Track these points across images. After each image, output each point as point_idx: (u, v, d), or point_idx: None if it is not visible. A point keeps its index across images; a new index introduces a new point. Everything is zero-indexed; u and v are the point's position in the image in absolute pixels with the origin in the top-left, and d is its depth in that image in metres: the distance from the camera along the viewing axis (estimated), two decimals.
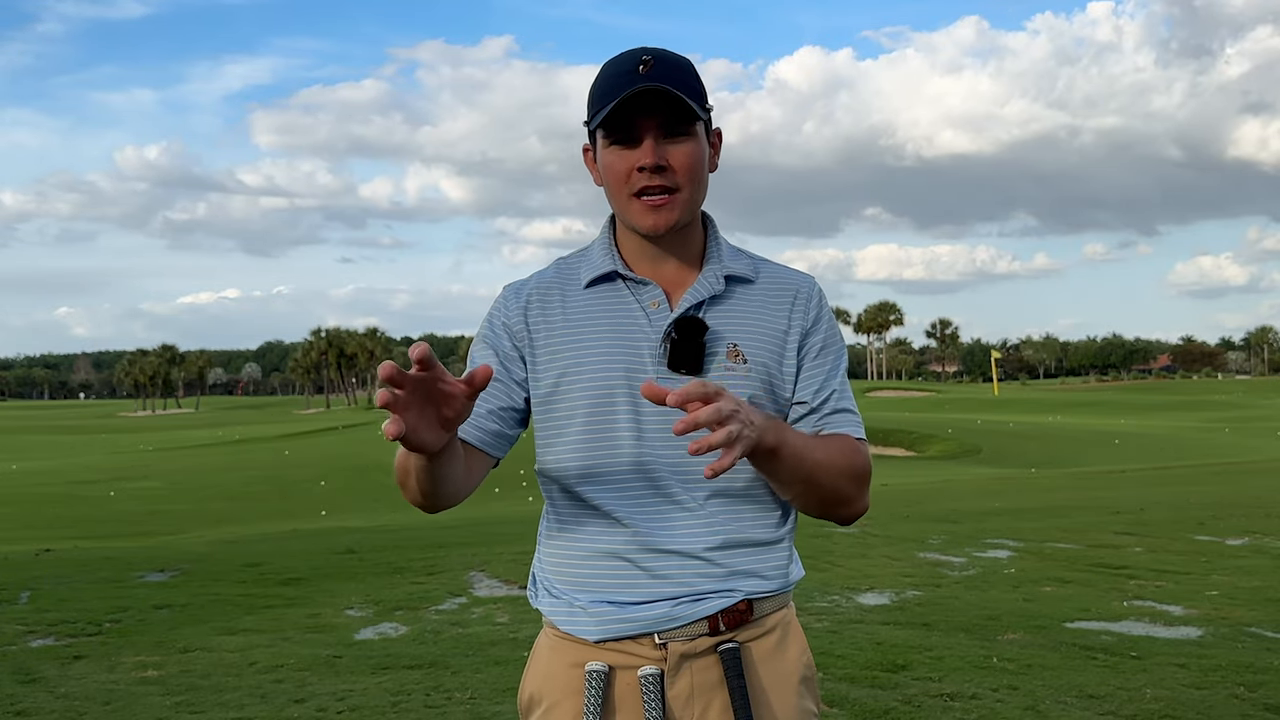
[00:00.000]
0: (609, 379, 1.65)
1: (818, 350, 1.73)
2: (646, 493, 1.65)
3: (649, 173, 1.61)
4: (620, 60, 1.64)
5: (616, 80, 1.61)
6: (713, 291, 1.68)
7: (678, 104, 1.60)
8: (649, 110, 1.60)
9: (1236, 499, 12.86)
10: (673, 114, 1.61)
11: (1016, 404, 67.65)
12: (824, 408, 1.72)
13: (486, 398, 1.69)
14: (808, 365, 1.72)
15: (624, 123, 1.61)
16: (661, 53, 1.64)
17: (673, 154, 1.62)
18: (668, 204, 1.63)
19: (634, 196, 1.63)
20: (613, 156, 1.64)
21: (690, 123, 1.63)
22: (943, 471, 25.87)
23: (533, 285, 1.74)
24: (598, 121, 1.63)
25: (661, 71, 1.61)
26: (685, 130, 1.63)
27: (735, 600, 1.65)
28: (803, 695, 1.71)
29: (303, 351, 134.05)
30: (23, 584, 8.24)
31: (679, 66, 1.64)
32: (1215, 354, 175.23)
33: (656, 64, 1.61)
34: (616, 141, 1.63)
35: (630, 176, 1.63)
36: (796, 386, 1.71)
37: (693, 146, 1.63)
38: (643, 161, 1.61)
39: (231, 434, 59.71)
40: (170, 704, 4.80)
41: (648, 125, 1.61)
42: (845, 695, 4.65)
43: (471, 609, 6.88)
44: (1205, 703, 4.51)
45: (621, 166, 1.63)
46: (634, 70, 1.61)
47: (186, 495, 23.65)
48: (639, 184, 1.62)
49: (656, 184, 1.62)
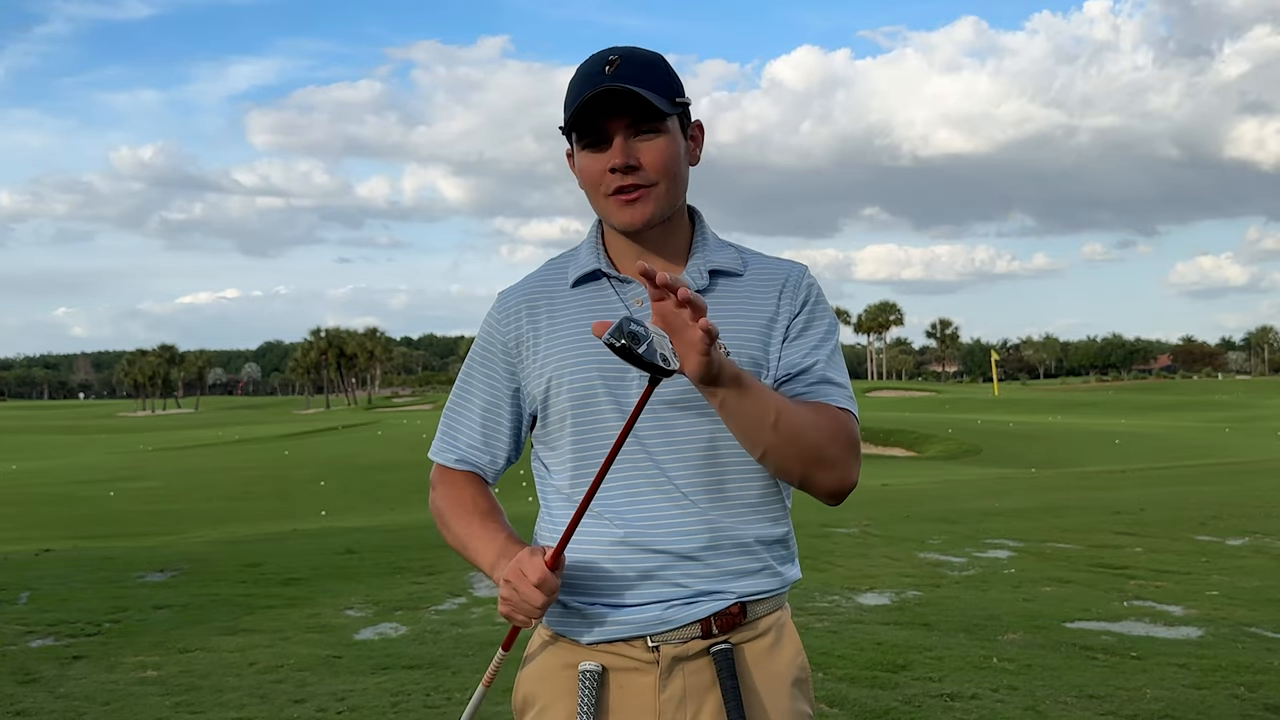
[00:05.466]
0: (592, 379, 1.66)
1: (801, 329, 1.70)
2: (638, 492, 1.64)
3: (620, 173, 1.62)
4: (588, 63, 1.65)
5: (583, 83, 1.62)
6: (696, 287, 1.68)
7: (642, 102, 1.59)
8: (615, 110, 1.60)
9: (1236, 499, 12.85)
10: (639, 112, 1.61)
11: (1016, 404, 67.60)
12: (807, 375, 1.67)
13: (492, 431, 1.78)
14: (790, 340, 1.70)
15: (592, 125, 1.62)
16: (630, 51, 1.64)
17: (643, 151, 1.62)
18: (641, 198, 1.63)
19: (609, 196, 1.64)
20: (586, 159, 1.65)
21: (658, 119, 1.63)
22: (943, 471, 25.85)
23: (521, 291, 1.76)
24: (567, 125, 1.64)
25: (628, 70, 1.60)
26: (654, 127, 1.63)
27: (728, 603, 1.65)
28: (796, 697, 1.71)
29: (302, 351, 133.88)
30: (23, 584, 8.24)
31: (647, 64, 1.63)
32: (1215, 354, 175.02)
33: (623, 63, 1.61)
34: (588, 144, 1.64)
35: (604, 178, 1.63)
36: (780, 362, 1.68)
37: (664, 142, 1.63)
38: (612, 162, 1.62)
39: (231, 434, 59.67)
40: (170, 704, 4.80)
41: (616, 125, 1.61)
42: (845, 695, 4.65)
43: (471, 609, 6.88)
44: (1205, 703, 4.51)
45: (594, 168, 1.64)
46: (600, 71, 1.61)
47: (186, 495, 23.62)
48: (612, 184, 1.63)
49: (629, 183, 1.62)
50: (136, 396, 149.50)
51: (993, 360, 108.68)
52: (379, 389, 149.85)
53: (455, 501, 1.76)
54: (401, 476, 24.94)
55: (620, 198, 1.63)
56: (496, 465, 1.79)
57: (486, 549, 1.67)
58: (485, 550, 1.68)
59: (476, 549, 1.69)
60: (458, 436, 1.79)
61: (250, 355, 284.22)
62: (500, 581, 1.59)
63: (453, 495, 1.77)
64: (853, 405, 1.68)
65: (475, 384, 1.78)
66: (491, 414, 1.76)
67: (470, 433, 1.78)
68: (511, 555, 1.61)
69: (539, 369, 1.70)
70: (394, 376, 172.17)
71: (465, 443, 1.78)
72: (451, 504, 1.76)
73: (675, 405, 1.64)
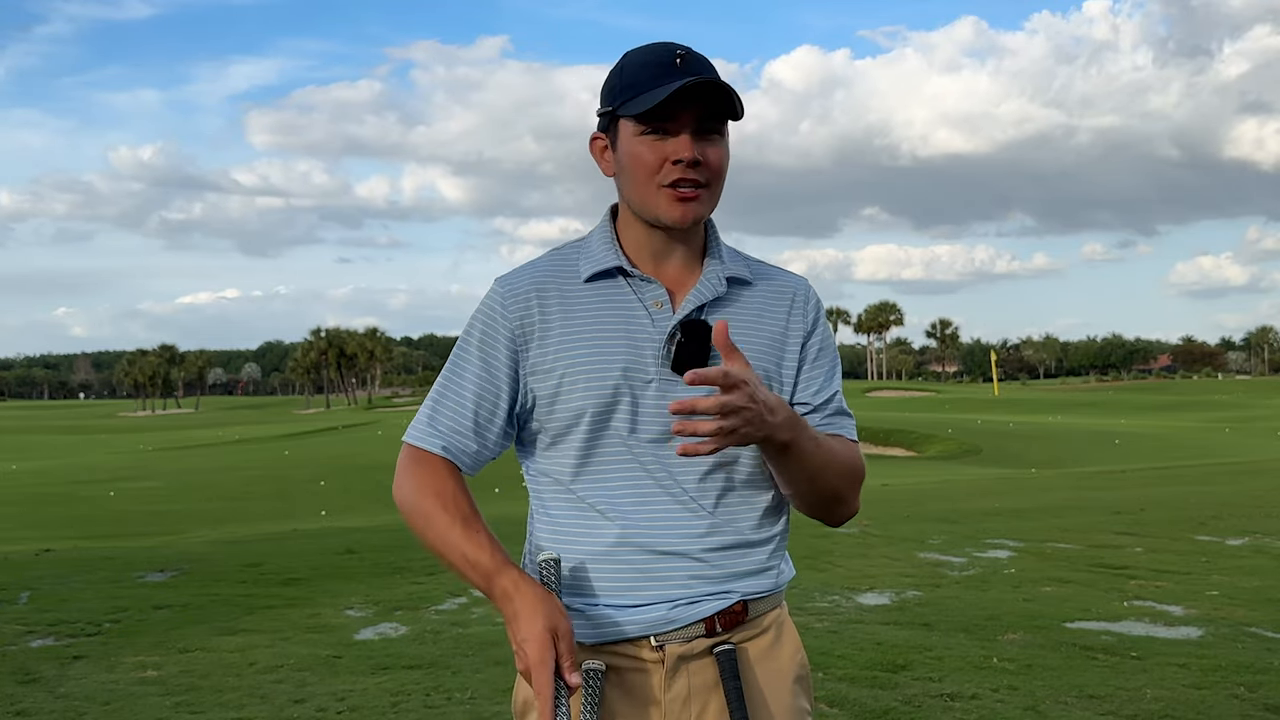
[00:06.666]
0: (611, 379, 1.63)
1: (816, 353, 1.75)
2: (644, 493, 1.64)
3: (685, 165, 1.60)
4: (652, 50, 1.63)
5: (655, 71, 1.60)
6: (716, 293, 1.68)
7: (722, 101, 1.59)
8: (689, 104, 1.59)
9: (1236, 499, 12.85)
10: (713, 111, 1.60)
11: (1016, 404, 67.62)
12: (826, 407, 1.74)
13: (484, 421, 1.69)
14: (807, 367, 1.74)
15: (664, 113, 1.59)
16: (689, 49, 1.64)
17: (708, 151, 1.61)
18: (697, 198, 1.62)
19: (664, 187, 1.61)
20: (643, 146, 1.61)
21: (725, 121, 1.63)
22: (943, 471, 25.85)
23: (528, 279, 1.70)
24: (637, 110, 1.59)
25: (698, 67, 1.60)
26: (719, 129, 1.63)
27: (731, 602, 1.65)
28: (798, 695, 1.72)
29: (302, 351, 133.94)
30: (23, 584, 8.24)
31: (710, 65, 1.64)
32: (1215, 354, 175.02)
33: (691, 59, 1.61)
34: (651, 131, 1.61)
35: (663, 167, 1.61)
36: (796, 388, 1.73)
37: (724, 146, 1.64)
38: (681, 154, 1.59)
39: (231, 434, 59.67)
40: (170, 704, 4.80)
41: (686, 119, 1.60)
42: (845, 695, 4.65)
43: (471, 609, 6.88)
44: (1205, 703, 4.51)
45: (653, 157, 1.61)
46: (671, 63, 1.60)
47: (186, 495, 23.63)
48: (673, 176, 1.61)
49: (691, 177, 1.61)
50: (137, 396, 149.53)
51: (993, 360, 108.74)
52: (379, 389, 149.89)
53: (435, 496, 1.63)
54: None
55: (678, 192, 1.61)
56: (482, 457, 1.70)
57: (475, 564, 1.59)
58: (474, 567, 1.59)
59: (460, 564, 1.60)
60: (444, 421, 1.68)
61: (250, 355, 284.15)
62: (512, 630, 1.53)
63: (432, 488, 1.64)
64: (855, 434, 1.77)
65: (470, 368, 1.69)
66: (486, 401, 1.68)
67: (460, 419, 1.68)
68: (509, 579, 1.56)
69: (549, 364, 1.65)
70: (394, 376, 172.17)
71: (452, 428, 1.68)
72: (432, 499, 1.63)
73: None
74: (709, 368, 1.45)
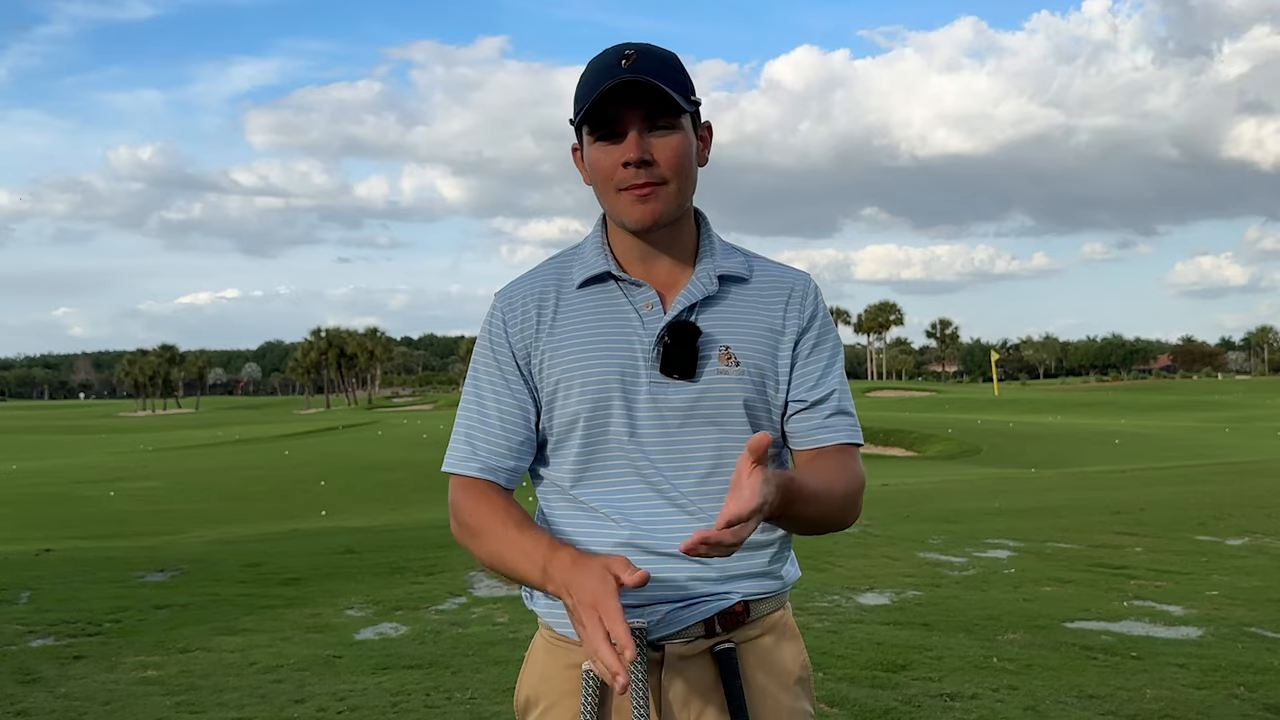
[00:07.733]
0: (604, 382, 1.64)
1: (812, 346, 1.71)
2: (642, 496, 1.64)
3: (634, 168, 1.59)
4: (603, 55, 1.62)
5: (599, 75, 1.59)
6: (706, 292, 1.67)
7: (660, 96, 1.58)
8: (632, 103, 1.58)
9: (1236, 499, 12.85)
10: (656, 106, 1.59)
11: (1016, 404, 67.57)
12: (824, 406, 1.70)
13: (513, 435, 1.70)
14: (801, 361, 1.71)
15: (607, 117, 1.59)
16: (645, 47, 1.63)
17: (657, 147, 1.60)
18: (654, 194, 1.60)
19: (621, 191, 1.61)
20: (598, 152, 1.62)
21: (674, 115, 1.61)
22: (943, 471, 25.84)
23: (527, 291, 1.72)
24: (580, 116, 1.60)
25: (645, 65, 1.59)
26: (669, 123, 1.61)
27: (732, 602, 1.65)
28: (799, 696, 1.71)
29: (302, 351, 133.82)
30: (23, 584, 8.23)
31: (663, 60, 1.62)
32: (1215, 354, 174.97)
33: (639, 57, 1.59)
34: (601, 137, 1.61)
35: (616, 172, 1.60)
36: (791, 383, 1.70)
37: (678, 139, 1.61)
38: (627, 156, 1.59)
39: (231, 434, 59.62)
40: (170, 704, 4.80)
41: (631, 119, 1.59)
42: (845, 695, 4.65)
43: (471, 609, 6.88)
44: (1205, 703, 4.51)
45: (606, 162, 1.61)
46: (616, 64, 1.59)
47: (186, 495, 23.61)
48: (625, 180, 1.60)
49: (642, 179, 1.60)
50: (137, 396, 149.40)
51: (993, 360, 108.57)
52: (379, 389, 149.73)
53: (487, 513, 1.64)
54: (401, 476, 24.94)
55: (632, 193, 1.60)
56: (520, 470, 1.71)
57: (531, 554, 1.58)
58: (528, 557, 1.58)
59: (517, 559, 1.59)
60: (477, 445, 1.69)
61: (250, 355, 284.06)
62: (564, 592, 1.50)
63: (481, 509, 1.65)
64: (860, 434, 1.74)
65: (489, 388, 1.70)
66: (511, 418, 1.69)
67: (491, 439, 1.69)
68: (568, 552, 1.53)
69: (547, 370, 1.67)
70: (394, 376, 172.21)
71: (487, 450, 1.69)
72: (483, 516, 1.64)
73: (681, 416, 1.64)
74: (726, 534, 1.38)
